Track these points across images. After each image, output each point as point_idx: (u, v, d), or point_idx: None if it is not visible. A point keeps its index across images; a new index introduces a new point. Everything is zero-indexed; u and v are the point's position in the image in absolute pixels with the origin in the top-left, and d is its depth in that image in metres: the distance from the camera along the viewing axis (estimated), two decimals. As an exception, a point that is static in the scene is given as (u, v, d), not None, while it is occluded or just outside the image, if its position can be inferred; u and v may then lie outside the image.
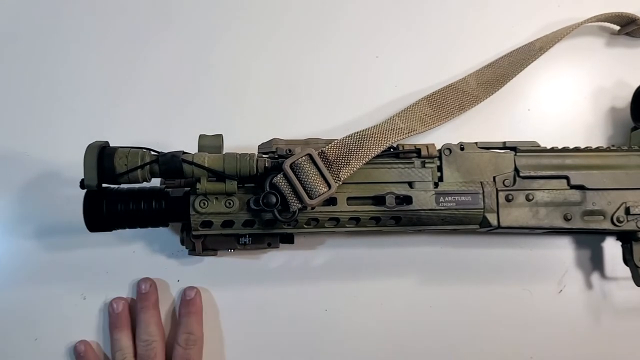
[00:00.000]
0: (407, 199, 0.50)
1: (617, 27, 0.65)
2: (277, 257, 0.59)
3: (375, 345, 0.58)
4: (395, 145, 0.52)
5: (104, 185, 0.47)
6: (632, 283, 0.55)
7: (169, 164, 0.46)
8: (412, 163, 0.52)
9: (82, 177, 0.46)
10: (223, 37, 0.63)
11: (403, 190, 0.51)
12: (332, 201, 0.50)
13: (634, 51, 0.65)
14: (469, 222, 0.51)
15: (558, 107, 0.63)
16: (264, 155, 0.51)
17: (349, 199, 0.50)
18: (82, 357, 0.55)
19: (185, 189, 0.51)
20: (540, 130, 0.62)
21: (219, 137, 0.49)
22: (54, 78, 0.62)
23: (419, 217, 0.51)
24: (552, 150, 0.54)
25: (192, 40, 0.63)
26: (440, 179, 0.52)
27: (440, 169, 0.52)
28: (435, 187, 0.51)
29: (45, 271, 0.58)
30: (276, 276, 0.59)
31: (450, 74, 0.62)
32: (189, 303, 0.56)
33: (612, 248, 0.60)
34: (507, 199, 0.52)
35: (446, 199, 0.51)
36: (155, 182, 0.51)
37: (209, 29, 0.63)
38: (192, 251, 0.53)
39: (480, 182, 0.52)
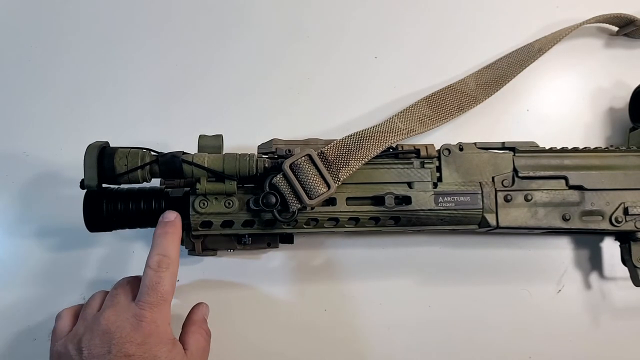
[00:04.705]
0: (406, 199, 0.50)
1: (616, 28, 0.65)
2: (276, 257, 0.59)
3: (374, 345, 0.58)
4: (394, 145, 0.53)
5: (104, 185, 0.47)
6: (630, 283, 0.55)
7: (169, 164, 0.47)
8: (411, 163, 0.52)
9: (82, 177, 0.46)
10: (223, 38, 0.63)
11: (402, 190, 0.51)
12: (331, 201, 0.50)
13: (633, 52, 0.65)
14: (467, 222, 0.52)
15: (557, 107, 0.64)
16: (263, 156, 0.51)
17: (348, 199, 0.50)
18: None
19: (185, 189, 0.52)
20: (539, 131, 0.62)
21: (218, 138, 0.50)
22: (54, 78, 0.62)
23: (418, 217, 0.51)
24: (551, 150, 0.54)
25: (192, 40, 0.63)
26: (440, 179, 0.52)
27: (439, 169, 0.52)
28: (434, 188, 0.51)
29: (45, 271, 0.58)
30: (276, 276, 0.59)
31: (449, 75, 0.63)
32: (166, 224, 0.48)
33: (610, 248, 0.61)
34: (506, 199, 0.52)
35: (445, 199, 0.51)
36: (155, 182, 0.52)
37: (209, 30, 0.63)
38: (192, 251, 0.53)
39: (479, 182, 0.52)
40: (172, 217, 0.49)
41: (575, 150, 0.54)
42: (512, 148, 0.54)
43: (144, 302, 0.45)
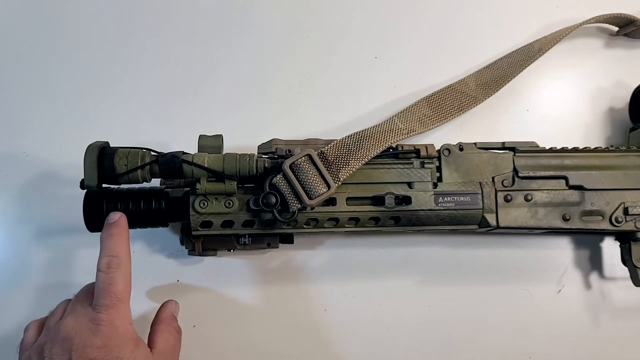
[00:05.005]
0: (406, 199, 0.50)
1: (616, 28, 0.65)
2: (276, 257, 0.59)
3: (374, 345, 0.58)
4: (394, 145, 0.53)
5: (104, 185, 0.47)
6: (630, 283, 0.55)
7: (169, 165, 0.47)
8: (412, 163, 0.52)
9: (82, 177, 0.46)
10: (223, 38, 0.63)
11: (402, 190, 0.51)
12: (331, 201, 0.50)
13: (633, 52, 0.65)
14: (468, 222, 0.52)
15: (557, 107, 0.64)
16: (263, 156, 0.51)
17: (348, 199, 0.50)
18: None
19: (185, 189, 0.52)
20: (539, 131, 0.62)
21: (219, 137, 0.50)
22: (54, 78, 0.62)
23: (418, 217, 0.51)
24: (551, 150, 0.54)
25: (193, 40, 0.63)
26: (440, 179, 0.52)
27: (439, 169, 0.52)
28: (434, 188, 0.51)
29: (45, 271, 0.58)
30: (276, 276, 0.59)
31: (449, 75, 0.63)
32: (111, 226, 0.48)
33: (610, 248, 0.61)
34: (506, 199, 0.52)
35: (445, 199, 0.51)
36: (155, 182, 0.52)
37: (209, 30, 0.63)
38: (192, 251, 0.53)
39: (479, 182, 0.52)
40: (115, 218, 0.48)
41: (575, 150, 0.55)
42: (512, 148, 0.54)
43: (100, 305, 0.44)
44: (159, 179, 0.53)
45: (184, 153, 0.47)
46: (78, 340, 0.43)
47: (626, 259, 0.56)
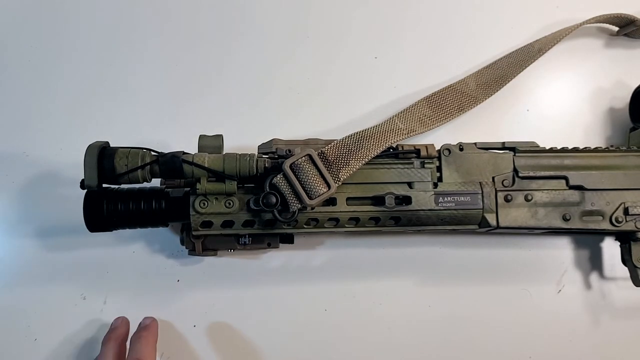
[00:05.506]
0: (407, 199, 0.50)
1: (616, 28, 0.65)
2: (277, 257, 0.59)
3: (374, 345, 0.59)
4: (394, 145, 0.53)
5: (104, 185, 0.47)
6: (630, 283, 0.55)
7: (169, 164, 0.47)
8: (412, 163, 0.52)
9: (82, 177, 0.46)
10: (224, 38, 0.63)
11: (402, 190, 0.51)
12: (331, 201, 0.50)
13: (633, 52, 0.65)
14: (468, 222, 0.52)
15: (557, 107, 0.64)
16: (263, 156, 0.51)
17: (348, 199, 0.50)
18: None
19: (185, 189, 0.52)
20: (539, 131, 0.62)
21: (219, 137, 0.50)
22: (54, 78, 0.62)
23: (418, 217, 0.51)
24: (551, 150, 0.54)
25: (193, 40, 0.63)
26: (440, 179, 0.52)
27: (439, 169, 0.52)
28: (434, 188, 0.51)
29: (45, 271, 0.58)
30: (276, 276, 0.59)
31: (450, 75, 0.63)
32: (142, 328, 0.54)
33: (610, 248, 0.61)
34: (506, 199, 0.52)
35: (445, 199, 0.51)
36: (156, 182, 0.52)
37: (209, 30, 0.63)
38: (192, 251, 0.53)
39: (480, 182, 0.52)
40: (147, 322, 0.55)
41: (575, 150, 0.55)
42: (512, 148, 0.54)
43: None
44: (159, 179, 0.53)
45: (184, 153, 0.47)
46: None
47: (626, 259, 0.56)
